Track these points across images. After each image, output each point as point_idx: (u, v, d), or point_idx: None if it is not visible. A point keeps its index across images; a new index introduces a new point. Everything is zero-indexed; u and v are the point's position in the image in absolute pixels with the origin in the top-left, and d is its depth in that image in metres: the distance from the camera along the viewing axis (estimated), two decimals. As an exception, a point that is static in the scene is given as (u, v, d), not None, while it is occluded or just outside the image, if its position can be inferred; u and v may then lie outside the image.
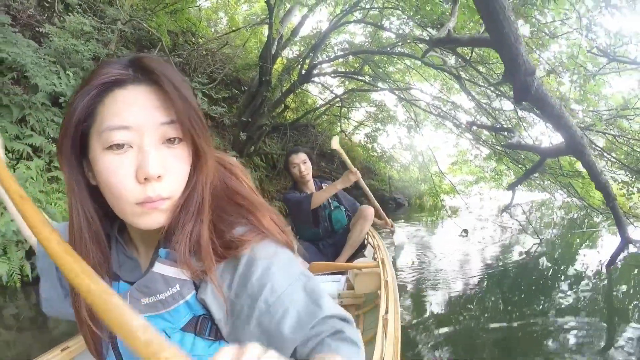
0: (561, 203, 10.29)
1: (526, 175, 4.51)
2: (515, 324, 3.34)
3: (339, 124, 11.74)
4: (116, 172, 0.61)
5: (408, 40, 7.91)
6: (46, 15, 7.15)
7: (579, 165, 6.54)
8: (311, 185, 3.59)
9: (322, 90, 11.80)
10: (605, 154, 5.89)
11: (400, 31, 8.49)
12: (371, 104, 11.62)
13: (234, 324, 0.64)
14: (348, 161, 3.54)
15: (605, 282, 4.48)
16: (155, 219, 0.63)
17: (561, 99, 6.09)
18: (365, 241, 3.69)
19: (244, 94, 10.45)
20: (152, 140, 0.61)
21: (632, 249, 4.57)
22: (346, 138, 12.49)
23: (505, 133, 4.67)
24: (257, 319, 0.61)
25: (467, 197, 10.52)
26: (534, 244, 6.01)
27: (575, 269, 5.17)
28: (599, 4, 4.56)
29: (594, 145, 5.99)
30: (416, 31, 8.21)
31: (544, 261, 5.49)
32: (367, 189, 3.85)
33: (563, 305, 3.85)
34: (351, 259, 3.43)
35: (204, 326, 0.67)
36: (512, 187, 4.63)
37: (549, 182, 7.80)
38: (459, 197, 9.56)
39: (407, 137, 11.84)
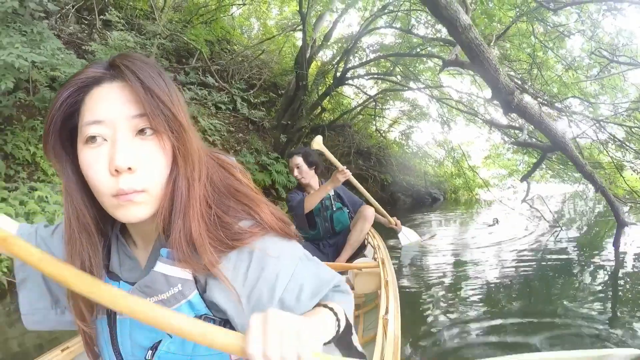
0: (592, 194, 10.55)
1: (533, 168, 5.21)
2: (526, 320, 3.31)
3: (374, 122, 12.51)
4: (92, 165, 0.65)
5: (439, 44, 8.53)
6: (86, 32, 7.90)
7: (602, 157, 7.10)
8: (312, 188, 3.69)
9: (356, 92, 12.65)
10: (625, 145, 6.40)
11: (429, 31, 9.10)
12: (404, 102, 12.39)
13: (255, 309, 0.68)
14: (335, 160, 3.55)
15: (615, 265, 4.88)
16: (132, 212, 0.66)
17: (580, 92, 6.69)
18: (366, 241, 3.77)
19: (281, 98, 11.45)
20: (124, 133, 0.65)
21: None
22: (382, 136, 13.21)
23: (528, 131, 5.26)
24: (279, 299, 0.69)
25: (501, 190, 11.06)
26: (555, 231, 6.58)
27: (598, 257, 5.51)
28: (601, 8, 5.16)
29: (613, 137, 6.53)
30: (444, 30, 8.81)
31: (566, 250, 5.95)
32: (361, 187, 3.96)
33: (580, 295, 3.98)
34: (351, 259, 3.51)
35: None
36: (524, 179, 5.31)
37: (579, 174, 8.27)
38: (493, 190, 10.04)
39: (440, 133, 12.49)
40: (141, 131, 0.66)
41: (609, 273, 4.70)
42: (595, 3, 4.88)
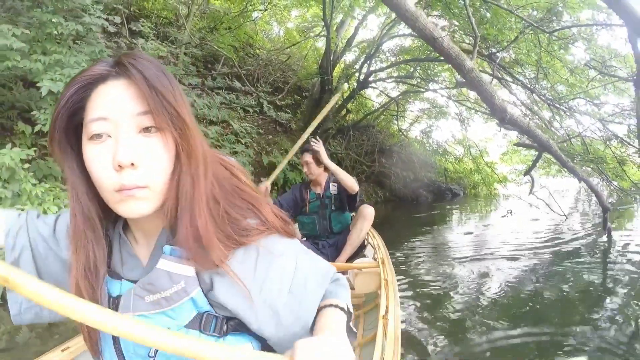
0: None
1: (533, 165, 6.40)
2: (527, 319, 3.40)
3: (395, 122, 13.66)
4: (96, 160, 0.68)
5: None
6: (112, 40, 8.09)
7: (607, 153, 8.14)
8: (319, 184, 3.79)
9: (379, 93, 14.01)
10: (624, 141, 7.45)
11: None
12: (424, 101, 13.70)
13: (266, 302, 0.74)
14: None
15: (606, 247, 5.88)
16: (134, 207, 0.69)
17: (584, 93, 7.77)
18: (366, 241, 3.86)
19: (306, 100, 12.56)
20: (128, 130, 0.67)
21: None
22: (403, 135, 14.39)
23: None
24: (288, 290, 0.76)
25: (517, 185, 12.11)
26: (562, 220, 7.64)
27: (598, 241, 6.47)
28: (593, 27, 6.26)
29: (615, 135, 7.58)
30: (463, 37, 9.88)
31: (570, 236, 6.95)
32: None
33: (572, 277, 4.44)
34: (351, 259, 3.59)
35: (209, 323, 0.75)
36: (526, 174, 6.44)
37: (590, 168, 9.30)
38: (510, 185, 11.12)
39: (459, 131, 13.69)
40: (145, 129, 0.68)
41: (601, 254, 5.69)
42: (582, 26, 5.99)
